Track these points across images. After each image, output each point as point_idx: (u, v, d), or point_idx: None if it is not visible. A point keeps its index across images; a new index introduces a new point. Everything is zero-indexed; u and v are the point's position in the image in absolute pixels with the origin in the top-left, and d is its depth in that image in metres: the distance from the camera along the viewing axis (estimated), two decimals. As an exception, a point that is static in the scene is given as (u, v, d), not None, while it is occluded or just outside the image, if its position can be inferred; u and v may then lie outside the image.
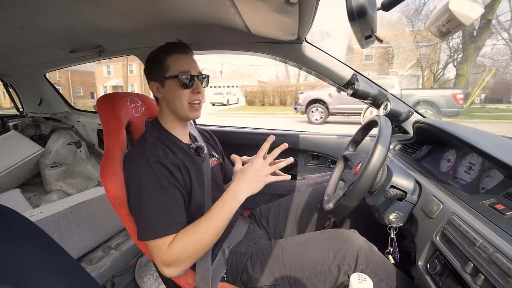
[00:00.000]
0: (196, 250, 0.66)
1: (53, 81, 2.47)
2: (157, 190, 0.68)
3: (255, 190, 0.70)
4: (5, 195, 1.70)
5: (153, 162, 0.69)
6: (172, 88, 0.78)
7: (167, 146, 0.76)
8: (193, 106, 0.80)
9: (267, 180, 0.71)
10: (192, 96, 0.79)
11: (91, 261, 1.16)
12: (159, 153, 0.71)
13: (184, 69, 0.77)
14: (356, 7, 0.56)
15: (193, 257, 0.67)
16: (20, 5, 0.80)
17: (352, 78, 1.11)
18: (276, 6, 0.63)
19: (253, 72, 35.21)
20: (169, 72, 0.77)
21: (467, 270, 0.50)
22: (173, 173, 0.71)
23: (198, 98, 0.80)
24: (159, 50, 0.80)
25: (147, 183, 0.68)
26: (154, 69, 0.80)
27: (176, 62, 0.78)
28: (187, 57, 0.80)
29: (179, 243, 0.65)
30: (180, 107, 0.79)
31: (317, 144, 1.38)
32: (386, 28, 18.91)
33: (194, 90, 0.79)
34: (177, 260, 0.65)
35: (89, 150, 2.19)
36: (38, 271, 0.35)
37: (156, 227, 0.66)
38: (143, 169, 0.69)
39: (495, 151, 0.62)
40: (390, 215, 0.76)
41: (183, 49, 0.80)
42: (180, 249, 0.65)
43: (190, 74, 0.78)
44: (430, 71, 16.08)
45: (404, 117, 1.16)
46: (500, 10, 11.46)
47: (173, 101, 0.79)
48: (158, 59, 0.79)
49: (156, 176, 0.68)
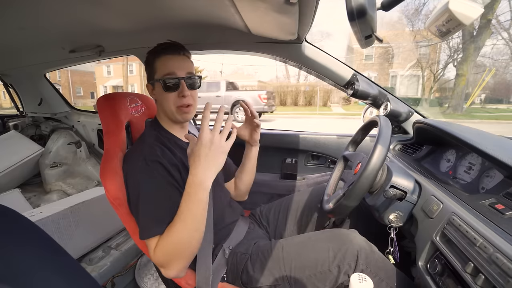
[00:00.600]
0: (179, 250, 0.63)
1: (53, 81, 2.47)
2: (154, 191, 0.67)
3: (219, 166, 0.63)
4: (5, 195, 1.71)
5: (151, 162, 0.69)
6: (159, 92, 0.78)
7: (165, 145, 0.76)
8: (181, 109, 0.78)
9: (226, 148, 0.63)
10: (178, 100, 0.76)
11: (91, 261, 1.16)
12: (157, 153, 0.71)
13: (169, 71, 0.75)
14: (356, 7, 0.56)
15: (180, 257, 0.64)
16: (20, 5, 0.80)
17: (352, 78, 1.11)
18: (276, 6, 0.63)
19: (253, 72, 35.22)
20: (156, 75, 0.77)
21: (467, 270, 0.50)
22: (171, 172, 0.71)
23: (185, 102, 0.77)
24: (150, 52, 0.79)
25: (144, 183, 0.68)
26: (147, 71, 0.81)
27: (163, 64, 0.76)
28: (176, 58, 0.77)
29: (160, 245, 0.63)
30: (169, 111, 0.78)
31: (317, 144, 1.38)
32: (386, 28, 18.94)
33: (179, 94, 0.76)
34: (164, 262, 0.64)
35: (89, 150, 2.19)
36: (38, 271, 0.35)
37: (150, 227, 0.65)
38: (141, 169, 0.69)
39: (495, 151, 0.62)
40: (390, 215, 0.76)
41: (173, 49, 0.77)
42: (163, 251, 0.63)
43: (175, 76, 0.75)
44: (430, 71, 16.09)
45: (404, 117, 1.16)
46: (500, 10, 11.49)
47: (162, 104, 0.79)
48: (148, 61, 0.79)
49: (154, 176, 0.68)
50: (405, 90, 18.63)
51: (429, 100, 15.60)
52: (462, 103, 11.92)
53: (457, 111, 11.57)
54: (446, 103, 12.76)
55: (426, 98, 16.28)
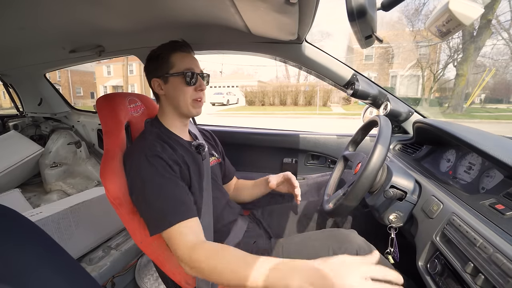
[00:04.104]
0: (211, 272, 0.58)
1: (53, 81, 2.47)
2: (159, 180, 0.68)
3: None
4: (5, 195, 1.70)
5: (151, 157, 0.69)
6: (176, 85, 0.79)
7: (166, 142, 0.77)
8: (196, 102, 0.82)
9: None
10: (195, 93, 0.81)
11: (91, 261, 1.16)
12: (158, 148, 0.72)
13: (188, 66, 0.79)
14: (356, 7, 0.56)
15: (206, 274, 0.59)
16: (20, 5, 0.80)
17: (352, 78, 1.11)
18: (276, 6, 0.63)
19: (253, 72, 35.29)
20: (173, 69, 0.78)
21: (467, 270, 0.50)
22: (172, 167, 0.71)
23: (200, 95, 0.82)
24: (163, 48, 0.80)
25: (148, 176, 0.68)
26: (157, 66, 0.81)
27: (181, 60, 0.79)
28: (190, 56, 0.82)
29: (203, 253, 0.60)
30: (183, 104, 0.80)
31: (317, 144, 1.38)
32: (386, 28, 18.95)
33: (197, 88, 0.81)
34: (194, 264, 0.60)
35: (89, 150, 2.19)
36: (38, 271, 0.35)
37: (167, 215, 0.64)
38: (143, 165, 0.69)
39: (495, 151, 0.62)
40: (390, 215, 0.76)
41: (186, 48, 0.82)
42: (201, 258, 0.59)
43: (194, 72, 0.79)
44: (430, 71, 16.09)
45: (404, 117, 1.16)
46: (500, 10, 11.48)
47: (176, 97, 0.80)
48: (162, 56, 0.80)
49: (156, 169, 0.69)
50: (405, 90, 18.64)
51: (429, 100, 15.60)
52: (462, 103, 11.93)
53: (457, 111, 11.57)
54: (446, 103, 12.76)
55: (426, 98, 16.28)
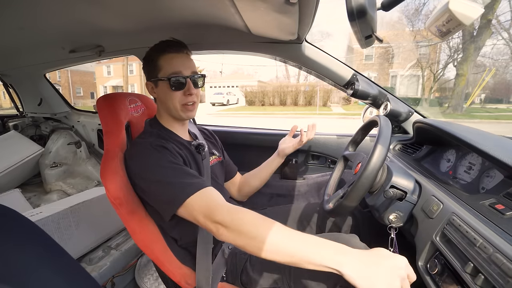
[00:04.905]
0: (254, 237, 0.55)
1: (53, 81, 2.47)
2: (170, 162, 0.69)
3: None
4: (5, 195, 1.70)
5: (157, 146, 0.71)
6: (164, 90, 0.78)
7: (167, 140, 0.77)
8: (186, 107, 0.79)
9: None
10: (184, 98, 0.78)
11: (91, 261, 1.16)
12: (162, 141, 0.74)
13: (176, 70, 0.76)
14: (356, 7, 0.56)
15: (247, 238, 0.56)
16: (19, 5, 0.80)
17: (352, 78, 1.11)
18: (276, 6, 0.63)
19: (253, 72, 35.29)
20: (161, 73, 0.77)
21: (467, 270, 0.50)
22: (176, 157, 0.72)
23: (190, 100, 0.78)
24: (153, 49, 0.79)
25: (158, 161, 0.68)
26: (148, 69, 0.80)
27: (169, 63, 0.76)
28: (180, 56, 0.78)
29: (248, 216, 0.57)
30: (173, 109, 0.79)
31: (317, 144, 1.38)
32: (386, 28, 18.94)
33: (186, 92, 0.77)
34: (236, 227, 0.56)
35: (89, 150, 2.19)
36: (38, 271, 0.35)
37: (191, 184, 0.64)
38: (150, 152, 0.70)
39: (495, 151, 0.62)
40: (390, 215, 0.76)
41: (177, 47, 0.78)
42: (246, 220, 0.57)
43: (181, 75, 0.76)
44: (430, 71, 16.09)
45: (404, 117, 1.16)
46: (500, 10, 11.48)
47: (166, 102, 0.79)
48: (151, 58, 0.78)
49: (163, 155, 0.70)
50: (405, 90, 18.64)
51: (429, 100, 15.60)
52: (462, 103, 11.93)
53: (457, 111, 11.57)
54: (446, 103, 12.76)
55: (426, 98, 16.28)
